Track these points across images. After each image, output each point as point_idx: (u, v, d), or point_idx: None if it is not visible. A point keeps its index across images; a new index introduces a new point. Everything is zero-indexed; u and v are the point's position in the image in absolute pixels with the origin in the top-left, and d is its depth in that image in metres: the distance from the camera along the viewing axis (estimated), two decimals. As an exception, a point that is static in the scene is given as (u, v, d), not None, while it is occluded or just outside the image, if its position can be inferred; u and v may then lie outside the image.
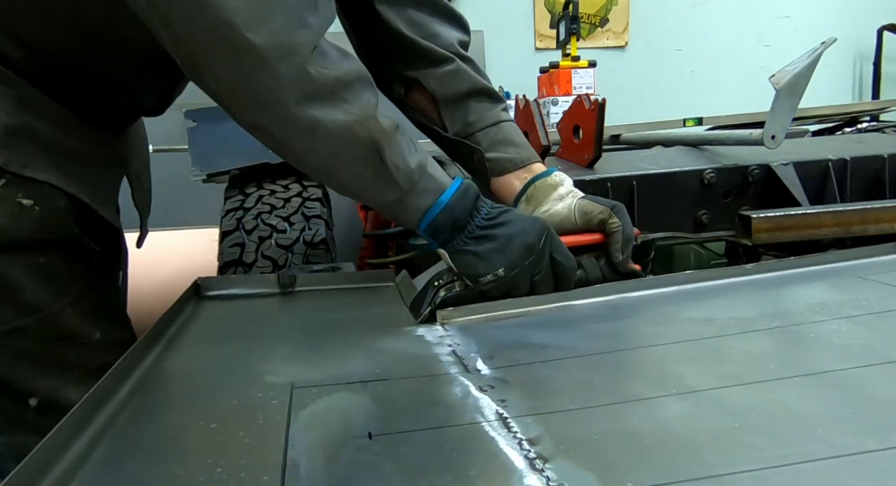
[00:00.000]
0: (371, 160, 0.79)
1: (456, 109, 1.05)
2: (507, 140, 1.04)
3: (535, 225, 0.85)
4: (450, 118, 1.05)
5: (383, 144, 0.78)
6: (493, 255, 0.83)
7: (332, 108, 0.74)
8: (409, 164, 0.81)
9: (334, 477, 0.49)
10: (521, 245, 0.83)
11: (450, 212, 0.84)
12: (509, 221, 0.85)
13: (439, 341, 0.79)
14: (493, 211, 0.86)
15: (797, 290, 0.94)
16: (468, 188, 0.86)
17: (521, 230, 0.84)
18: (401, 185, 0.82)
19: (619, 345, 0.78)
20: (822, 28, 4.60)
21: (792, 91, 1.16)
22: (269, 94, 0.71)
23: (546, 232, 0.85)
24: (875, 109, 2.40)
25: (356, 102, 0.77)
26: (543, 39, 4.33)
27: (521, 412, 0.57)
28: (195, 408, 0.64)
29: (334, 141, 0.76)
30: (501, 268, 0.84)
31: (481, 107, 1.05)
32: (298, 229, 1.44)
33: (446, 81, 1.04)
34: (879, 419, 0.52)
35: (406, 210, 0.85)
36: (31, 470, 0.51)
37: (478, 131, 1.04)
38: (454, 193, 0.84)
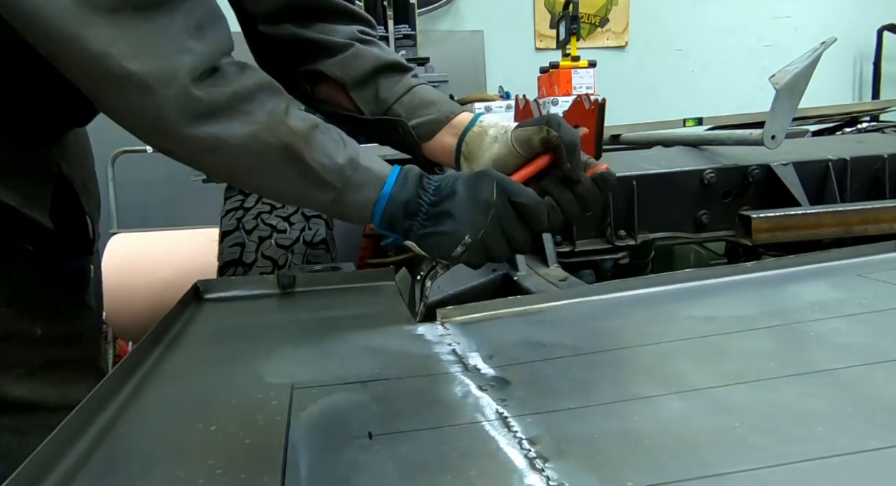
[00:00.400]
0: (292, 163, 0.78)
1: (366, 89, 1.03)
2: (424, 102, 1.02)
3: (481, 179, 0.83)
4: (361, 100, 1.03)
5: (299, 146, 0.78)
6: (453, 227, 0.81)
7: (231, 122, 0.75)
8: (337, 160, 0.80)
9: (334, 477, 0.49)
10: (475, 204, 0.81)
11: (395, 202, 0.82)
12: (455, 188, 0.82)
13: (439, 340, 0.79)
14: (440, 184, 0.84)
15: (797, 288, 0.94)
16: (408, 172, 0.84)
17: (470, 190, 0.82)
18: (332, 183, 0.80)
19: (620, 344, 0.78)
20: (822, 28, 4.60)
21: (792, 91, 1.16)
22: (158, 120, 0.72)
23: (493, 180, 0.82)
24: (875, 109, 2.40)
25: (259, 112, 0.76)
26: (543, 39, 4.33)
27: (521, 412, 0.57)
28: (195, 409, 0.64)
29: (243, 153, 0.76)
30: (466, 235, 0.81)
31: (390, 81, 1.03)
32: (298, 229, 1.44)
33: (348, 64, 1.02)
34: (880, 418, 0.52)
35: (349, 207, 0.84)
36: (31, 472, 0.51)
37: (393, 104, 1.02)
38: (394, 182, 0.83)
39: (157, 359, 0.79)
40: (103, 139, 1.17)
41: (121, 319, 2.24)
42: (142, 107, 0.71)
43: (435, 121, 1.00)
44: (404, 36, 3.23)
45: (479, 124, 0.97)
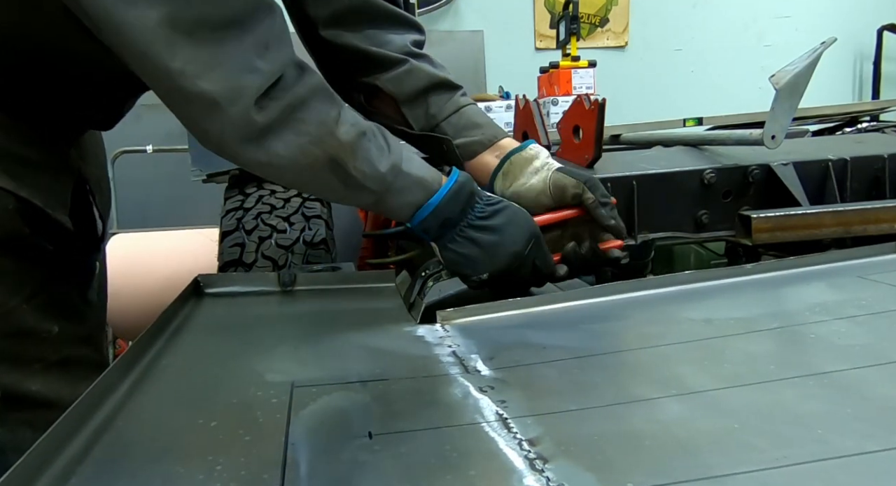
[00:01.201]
0: (336, 172, 0.82)
1: (417, 106, 1.08)
2: (470, 123, 1.07)
3: (525, 231, 0.89)
4: (412, 116, 1.08)
5: (344, 157, 0.81)
6: (480, 259, 0.88)
7: (281, 137, 0.78)
8: (379, 168, 0.84)
9: (334, 476, 0.49)
10: (508, 253, 0.88)
11: (438, 215, 0.87)
12: (500, 224, 0.88)
13: (439, 342, 0.79)
14: (487, 209, 0.88)
15: (797, 290, 0.94)
16: (462, 187, 0.88)
17: (510, 237, 0.88)
18: (373, 189, 0.85)
19: (619, 346, 0.78)
20: (822, 28, 4.60)
21: (792, 91, 1.16)
22: (221, 138, 0.76)
23: (533, 234, 0.89)
24: (875, 109, 2.40)
25: (312, 121, 0.79)
26: (543, 39, 4.33)
27: (520, 413, 0.57)
28: (195, 406, 0.64)
29: (291, 166, 0.80)
30: (487, 273, 0.88)
31: (441, 98, 1.08)
32: (298, 229, 1.44)
33: (401, 81, 1.07)
34: (880, 420, 0.52)
35: (390, 210, 0.89)
36: (29, 467, 0.50)
37: (441, 122, 1.07)
38: (446, 193, 0.87)
39: (157, 354, 0.79)
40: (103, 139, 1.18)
41: (121, 319, 2.23)
42: (208, 124, 0.75)
43: (479, 143, 1.05)
44: (404, 35, 3.23)
45: (529, 149, 1.03)
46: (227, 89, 0.73)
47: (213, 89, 0.72)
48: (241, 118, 0.74)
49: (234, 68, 0.73)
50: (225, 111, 0.73)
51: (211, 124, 0.75)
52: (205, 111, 0.74)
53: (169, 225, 2.50)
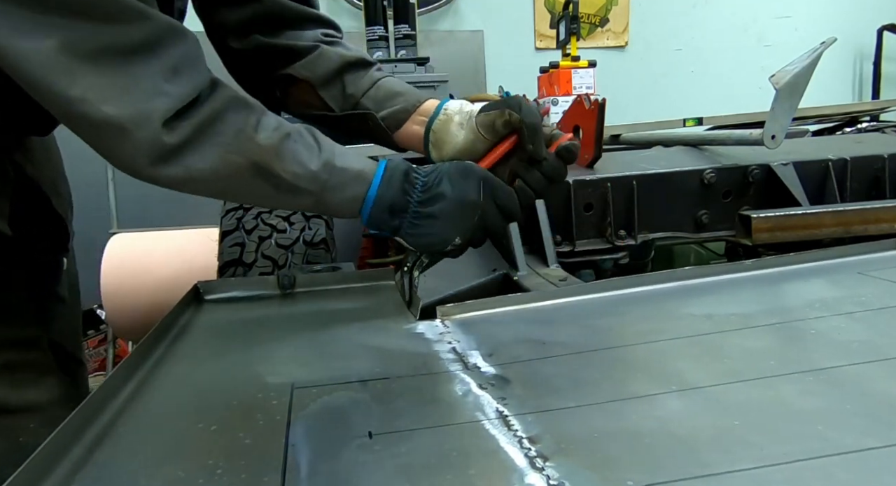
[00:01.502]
0: (264, 178, 0.81)
1: (333, 87, 1.06)
2: (390, 94, 1.05)
3: (468, 178, 0.86)
4: (330, 97, 1.06)
5: (268, 161, 0.80)
6: (443, 227, 0.85)
7: (197, 153, 0.77)
8: (310, 167, 0.82)
9: (334, 477, 0.49)
10: (465, 207, 0.85)
11: (381, 204, 0.85)
12: (443, 189, 0.85)
13: (439, 339, 0.79)
14: (427, 180, 0.86)
15: (797, 286, 0.94)
16: (393, 171, 0.86)
17: (460, 192, 0.85)
18: (308, 189, 0.83)
19: (619, 341, 0.78)
20: (822, 28, 4.60)
21: (792, 91, 1.16)
22: (132, 162, 0.75)
23: (480, 180, 0.86)
24: (875, 109, 2.40)
25: (228, 131, 0.78)
26: (543, 39, 4.33)
27: (521, 410, 0.57)
28: (196, 409, 0.64)
29: (214, 178, 0.78)
30: (456, 237, 0.86)
31: (356, 76, 1.06)
32: (298, 229, 1.44)
33: (313, 64, 1.06)
34: (879, 416, 0.52)
35: (332, 207, 0.86)
36: (33, 471, 0.51)
37: (361, 98, 1.05)
38: (379, 183, 0.85)
39: (158, 359, 0.79)
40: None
41: (121, 319, 2.23)
42: (118, 149, 0.74)
43: (402, 110, 1.02)
44: (404, 36, 3.23)
45: (444, 112, 1.00)
46: (134, 114, 0.72)
47: (119, 114, 0.71)
48: (150, 141, 0.73)
49: (140, 93, 0.73)
50: (133, 135, 0.72)
51: (120, 149, 0.74)
52: (112, 136, 0.73)
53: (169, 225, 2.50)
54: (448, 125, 0.98)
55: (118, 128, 0.72)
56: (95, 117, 0.71)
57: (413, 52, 3.22)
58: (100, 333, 3.15)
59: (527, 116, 0.89)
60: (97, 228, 3.01)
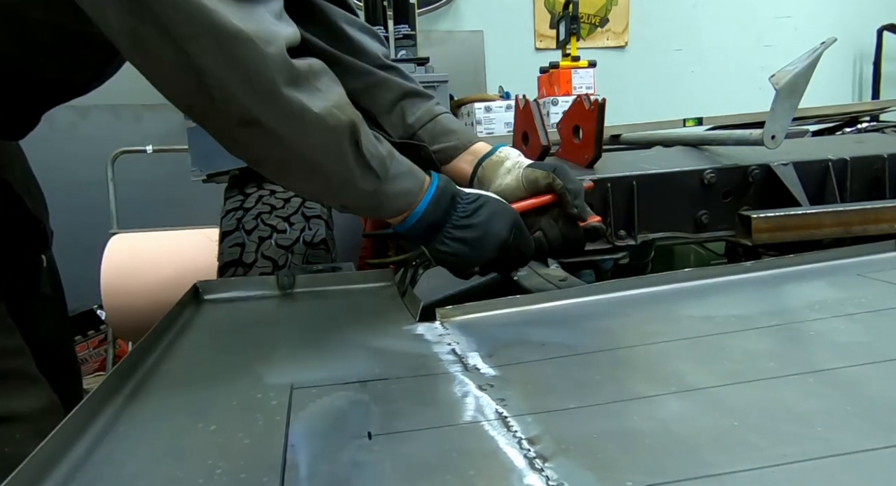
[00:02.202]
0: (353, 144, 0.83)
1: (394, 116, 1.14)
2: (446, 130, 1.13)
3: (507, 221, 0.93)
4: (389, 124, 1.14)
5: (359, 128, 0.83)
6: (469, 254, 0.92)
7: (311, 94, 0.78)
8: (380, 149, 0.87)
9: (334, 477, 0.49)
10: (495, 245, 0.92)
11: (424, 221, 0.91)
12: (482, 219, 0.92)
13: (439, 340, 0.79)
14: (469, 208, 0.92)
15: (796, 288, 0.94)
16: (444, 191, 0.92)
17: (494, 229, 0.92)
18: (376, 171, 0.86)
19: (619, 343, 0.78)
20: (822, 28, 4.60)
21: (792, 91, 1.16)
22: (259, 75, 0.73)
23: (513, 222, 0.94)
24: (875, 109, 2.40)
25: (329, 91, 0.81)
26: (543, 39, 4.33)
27: (520, 411, 0.57)
28: (195, 409, 0.64)
29: (320, 125, 0.79)
30: (477, 265, 0.95)
31: (415, 107, 1.15)
32: (298, 229, 1.44)
33: (373, 95, 1.13)
34: (879, 418, 0.52)
35: (389, 199, 0.90)
36: (31, 472, 0.51)
37: (419, 130, 1.13)
38: (430, 199, 0.91)
39: (157, 359, 0.79)
40: (102, 139, 1.18)
41: (121, 319, 2.23)
42: (252, 61, 0.72)
43: (454, 148, 1.12)
44: (404, 36, 3.23)
45: (498, 154, 1.09)
46: (264, 32, 0.72)
47: (250, 29, 0.71)
48: (281, 59, 0.74)
49: (264, 17, 0.74)
50: (263, 50, 0.72)
51: (254, 61, 0.72)
52: (246, 48, 0.71)
53: (169, 225, 2.50)
54: (499, 166, 1.08)
55: (249, 41, 0.71)
56: (229, 28, 0.70)
57: (413, 52, 3.22)
58: (100, 333, 3.15)
59: (570, 183, 0.99)
60: (97, 228, 3.01)
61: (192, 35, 0.70)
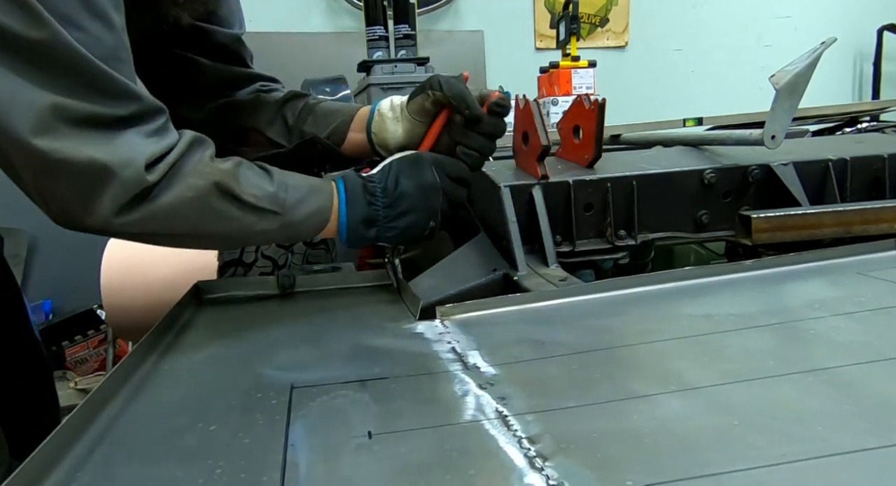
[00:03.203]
0: (227, 199, 0.83)
1: (275, 125, 1.16)
2: (327, 113, 1.14)
3: (419, 165, 0.93)
4: (276, 134, 1.15)
5: (228, 182, 0.83)
6: (416, 219, 0.92)
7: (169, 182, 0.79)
8: (267, 188, 0.86)
9: (334, 477, 0.49)
10: (428, 193, 0.92)
11: (354, 220, 0.91)
12: (402, 187, 0.91)
13: (439, 339, 0.79)
14: (385, 185, 0.92)
15: (796, 286, 0.94)
16: (353, 188, 0.92)
17: (418, 182, 0.92)
18: (273, 210, 0.86)
19: (618, 342, 0.78)
20: (822, 28, 4.59)
21: (792, 91, 1.16)
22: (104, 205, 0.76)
23: (429, 164, 0.93)
24: (875, 109, 2.40)
25: (189, 163, 0.82)
26: (543, 39, 4.33)
27: (520, 410, 0.57)
28: (195, 409, 0.64)
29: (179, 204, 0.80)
30: (430, 221, 0.93)
31: (293, 108, 1.16)
32: (298, 230, 1.44)
33: (255, 112, 1.16)
34: (879, 417, 0.52)
35: (302, 227, 0.90)
36: (33, 471, 0.51)
37: (304, 126, 1.14)
38: (346, 203, 0.91)
39: (157, 359, 0.79)
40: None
41: (121, 319, 2.23)
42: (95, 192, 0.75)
43: (341, 124, 1.12)
44: (404, 36, 3.23)
45: (377, 113, 1.08)
46: (120, 157, 0.75)
47: (104, 158, 0.74)
48: (134, 181, 0.76)
49: (126, 144, 0.76)
50: (117, 176, 0.75)
51: (98, 192, 0.75)
52: (92, 180, 0.74)
53: (169, 226, 2.50)
54: (384, 123, 1.06)
55: (101, 169, 0.74)
56: (79, 160, 0.72)
57: (413, 52, 3.22)
58: (100, 333, 3.15)
59: (449, 89, 0.97)
60: (97, 228, 3.01)
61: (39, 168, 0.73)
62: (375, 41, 3.18)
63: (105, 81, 0.75)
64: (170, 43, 1.11)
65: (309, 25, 3.80)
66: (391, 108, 1.06)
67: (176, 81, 1.13)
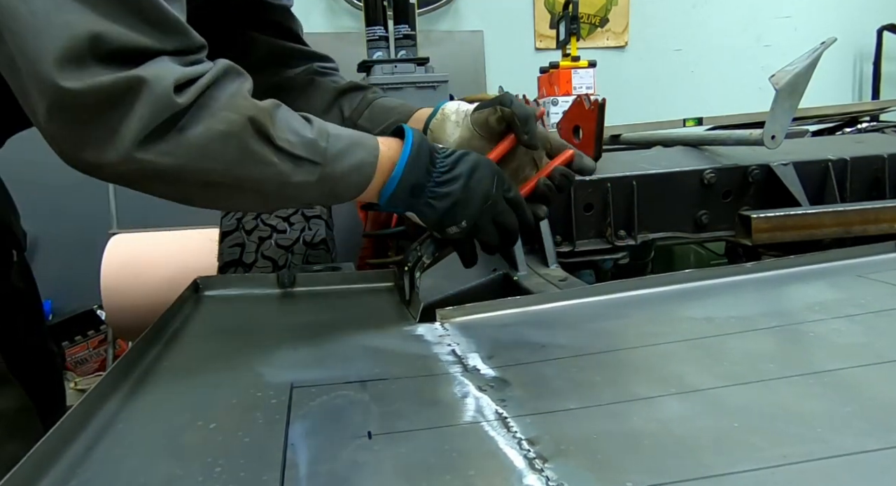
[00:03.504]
0: (261, 139, 0.74)
1: (331, 115, 1.10)
2: (385, 111, 1.09)
3: (483, 168, 0.86)
4: None
5: (264, 119, 0.75)
6: (454, 209, 0.84)
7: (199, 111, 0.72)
8: (306, 134, 0.78)
9: (334, 477, 0.49)
10: (479, 195, 0.85)
11: (404, 184, 0.83)
12: (461, 170, 0.85)
13: (439, 341, 0.79)
14: (447, 161, 0.85)
15: (796, 289, 0.94)
16: (420, 148, 0.84)
17: (472, 178, 0.85)
18: (310, 159, 0.78)
19: (619, 344, 0.78)
20: (822, 28, 4.59)
21: (792, 91, 1.16)
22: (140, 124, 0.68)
23: (494, 172, 0.86)
24: (875, 109, 2.40)
25: (223, 95, 0.74)
26: (543, 39, 4.33)
27: (520, 412, 0.57)
28: (194, 407, 0.64)
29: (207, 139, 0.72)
30: (463, 220, 0.85)
31: (350, 100, 1.11)
32: (298, 230, 1.44)
33: (309, 97, 1.11)
34: (879, 419, 0.52)
35: (341, 181, 0.82)
36: (30, 469, 0.51)
37: (358, 120, 1.09)
38: (407, 159, 0.83)
39: (157, 356, 0.79)
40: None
41: (121, 319, 2.23)
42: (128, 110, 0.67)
43: (397, 122, 1.04)
44: (404, 36, 3.23)
45: (440, 113, 1.02)
46: (150, 73, 0.68)
47: (136, 72, 0.67)
48: (164, 99, 0.68)
49: (155, 65, 0.69)
50: (149, 91, 0.67)
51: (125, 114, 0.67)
52: (120, 98, 0.66)
53: (169, 225, 2.49)
54: (444, 124, 1.00)
55: (132, 82, 0.66)
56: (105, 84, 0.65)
57: (413, 52, 3.22)
58: (100, 333, 3.15)
59: (518, 109, 0.91)
60: (97, 228, 3.01)
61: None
62: (375, 41, 3.18)
63: (154, 10, 0.68)
64: (221, 15, 1.05)
65: (309, 25, 3.78)
66: (456, 111, 1.01)
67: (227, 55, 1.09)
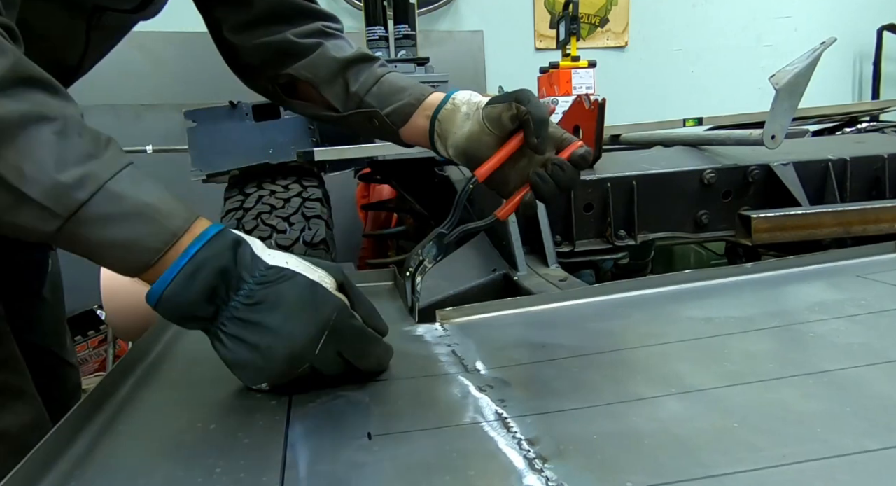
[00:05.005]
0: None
1: (335, 86, 1.03)
2: (394, 89, 1.01)
3: (310, 320, 0.62)
4: (333, 97, 1.03)
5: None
6: (252, 363, 0.62)
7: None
8: (54, 174, 0.56)
9: (333, 477, 0.49)
10: (283, 357, 0.61)
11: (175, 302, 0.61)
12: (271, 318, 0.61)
13: (438, 341, 0.79)
14: (257, 291, 0.61)
15: (797, 289, 0.94)
16: (205, 263, 0.60)
17: (287, 335, 0.61)
18: (42, 203, 0.56)
19: (619, 344, 0.78)
20: (822, 28, 4.59)
21: (792, 91, 1.16)
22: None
23: (327, 330, 0.62)
24: (875, 109, 2.40)
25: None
26: (543, 39, 4.33)
27: (520, 412, 0.57)
28: (194, 408, 0.64)
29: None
30: (263, 384, 0.65)
31: (358, 73, 1.03)
32: (298, 229, 1.44)
33: (314, 65, 1.02)
34: (879, 419, 0.52)
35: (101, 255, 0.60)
36: (30, 470, 0.51)
37: (365, 96, 1.02)
38: (177, 274, 0.60)
39: (156, 357, 0.79)
40: None
41: (121, 319, 2.23)
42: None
43: (407, 105, 0.99)
44: (404, 36, 3.23)
45: (451, 102, 0.96)
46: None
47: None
48: None
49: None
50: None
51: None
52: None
53: (169, 225, 2.49)
54: (454, 115, 0.94)
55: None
56: None
57: (413, 52, 3.22)
58: (100, 333, 3.15)
59: (534, 110, 0.84)
60: (97, 227, 3.00)
61: None
62: (375, 41, 3.18)
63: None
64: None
65: (309, 25, 3.79)
66: (467, 102, 0.93)
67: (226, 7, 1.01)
